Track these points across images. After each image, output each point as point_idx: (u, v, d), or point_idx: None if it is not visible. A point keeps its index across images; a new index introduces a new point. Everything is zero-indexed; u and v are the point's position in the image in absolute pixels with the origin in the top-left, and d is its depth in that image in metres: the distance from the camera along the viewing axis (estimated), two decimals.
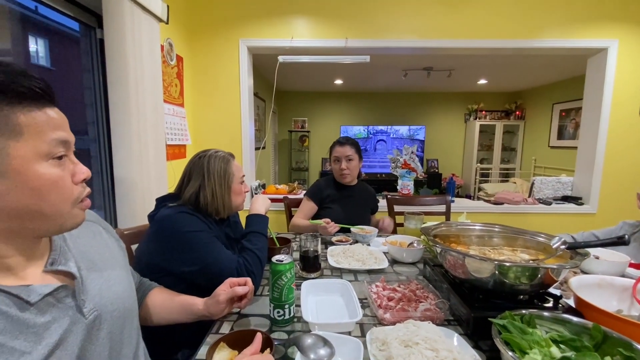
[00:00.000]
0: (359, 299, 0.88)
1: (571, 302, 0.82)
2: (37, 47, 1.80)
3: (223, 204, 1.03)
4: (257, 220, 1.10)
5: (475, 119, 6.11)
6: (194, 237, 0.92)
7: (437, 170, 6.41)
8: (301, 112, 6.36)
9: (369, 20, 2.24)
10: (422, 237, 1.43)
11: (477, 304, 0.78)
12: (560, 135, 5.18)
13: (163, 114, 1.75)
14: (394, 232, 2.00)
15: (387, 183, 5.55)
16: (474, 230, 0.98)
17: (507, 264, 0.74)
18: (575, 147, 4.85)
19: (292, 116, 6.29)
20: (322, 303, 0.92)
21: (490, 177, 5.93)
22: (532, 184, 2.66)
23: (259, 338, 0.63)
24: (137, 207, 1.48)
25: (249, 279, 0.82)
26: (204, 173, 1.01)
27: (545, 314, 0.69)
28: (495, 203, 2.52)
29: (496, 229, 0.96)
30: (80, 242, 0.63)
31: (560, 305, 0.80)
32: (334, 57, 2.23)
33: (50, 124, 0.49)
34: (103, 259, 0.65)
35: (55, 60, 1.97)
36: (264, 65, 3.84)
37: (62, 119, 0.51)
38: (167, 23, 1.69)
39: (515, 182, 5.25)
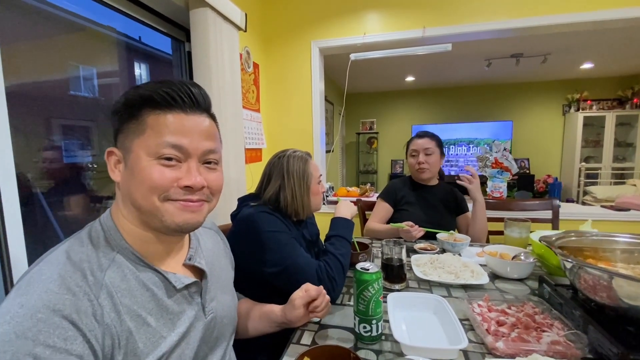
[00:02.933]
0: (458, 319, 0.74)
1: None
2: (140, 70, 2.05)
3: (302, 205, 0.99)
4: (343, 224, 1.03)
5: (577, 110, 5.19)
6: (274, 237, 0.89)
7: (528, 171, 5.61)
8: (369, 113, 6.21)
9: (449, 3, 2.03)
10: (530, 247, 1.20)
11: (634, 341, 0.58)
12: None
13: (242, 119, 1.81)
14: (487, 240, 1.74)
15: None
16: (617, 242, 0.75)
17: None
18: None
19: (359, 118, 6.18)
20: (412, 320, 0.80)
21: (599, 178, 4.96)
22: None
23: None
24: (219, 207, 1.54)
25: (322, 287, 0.76)
26: (284, 173, 0.99)
27: None
28: (618, 209, 2.05)
29: None
30: (207, 247, 0.70)
31: None
32: (411, 48, 2.07)
33: (170, 127, 0.51)
34: (220, 266, 0.71)
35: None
36: (332, 68, 3.83)
37: (189, 127, 0.52)
38: (245, 31, 1.75)
39: (635, 185, 4.29)
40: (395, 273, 0.98)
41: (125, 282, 0.49)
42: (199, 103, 0.55)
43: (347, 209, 1.09)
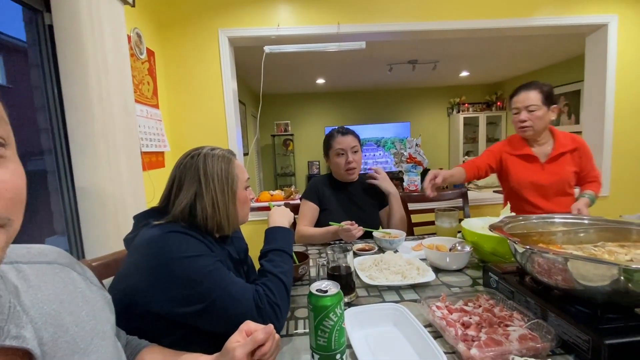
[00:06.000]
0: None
1: None
2: None
3: (227, 216, 0.78)
4: (281, 235, 0.85)
5: (458, 112, 6.09)
6: (192, 264, 0.66)
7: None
8: (283, 115, 6.11)
9: (363, 2, 2.04)
10: (460, 235, 1.23)
11: (601, 324, 0.57)
12: None
13: (135, 116, 1.46)
14: (410, 233, 1.79)
15: None
16: (555, 223, 0.78)
17: None
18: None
19: (273, 119, 6.03)
20: (374, 339, 0.68)
21: None
22: None
23: None
24: (108, 229, 1.19)
25: (271, 326, 0.56)
26: (200, 177, 0.75)
27: None
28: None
29: (585, 222, 0.77)
30: (44, 297, 0.39)
31: None
32: (327, 44, 2.01)
33: None
34: (79, 320, 0.42)
35: (9, 77, 1.63)
36: (241, 65, 3.58)
37: None
38: (133, 5, 1.41)
39: None
40: (344, 283, 0.85)
41: None
42: None
43: (283, 216, 0.92)
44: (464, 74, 5.33)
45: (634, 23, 2.21)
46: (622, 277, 0.55)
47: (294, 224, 1.73)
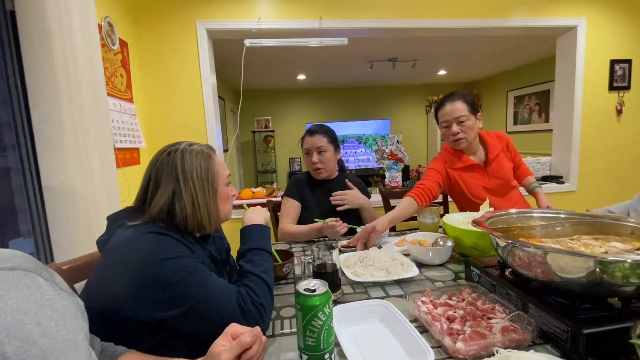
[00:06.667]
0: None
1: None
2: None
3: (208, 215, 0.75)
4: (257, 233, 0.83)
5: None
6: (172, 266, 0.63)
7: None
8: (264, 111, 6.03)
9: None
10: (441, 230, 1.25)
11: (579, 315, 0.59)
12: (516, 121, 5.42)
13: (107, 110, 1.39)
14: (393, 229, 1.81)
15: None
16: (533, 217, 0.80)
17: (617, 259, 0.56)
18: (531, 131, 5.18)
19: (254, 115, 5.93)
20: (361, 336, 0.68)
21: None
22: None
23: None
24: (79, 230, 1.12)
25: (258, 328, 0.54)
26: (178, 174, 0.72)
27: None
28: None
29: (562, 216, 0.79)
30: (6, 307, 0.36)
31: None
32: (309, 39, 1.99)
33: None
34: (48, 331, 0.39)
35: None
36: (220, 58, 3.48)
37: None
38: None
39: None
40: (330, 281, 0.84)
41: None
42: None
43: (258, 215, 0.89)
44: (442, 72, 5.45)
45: (601, 26, 2.33)
46: (597, 269, 0.57)
47: (277, 220, 1.71)
